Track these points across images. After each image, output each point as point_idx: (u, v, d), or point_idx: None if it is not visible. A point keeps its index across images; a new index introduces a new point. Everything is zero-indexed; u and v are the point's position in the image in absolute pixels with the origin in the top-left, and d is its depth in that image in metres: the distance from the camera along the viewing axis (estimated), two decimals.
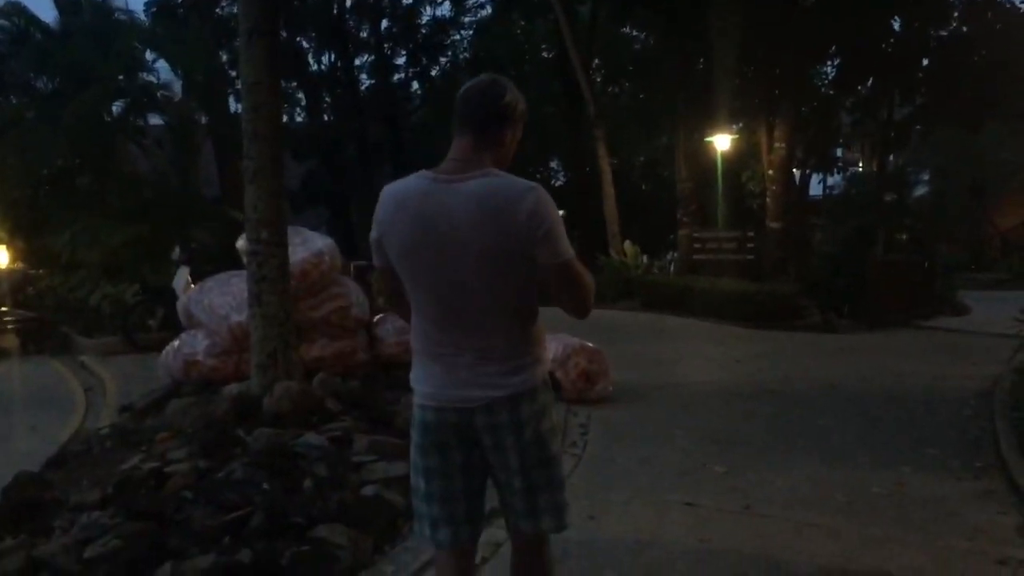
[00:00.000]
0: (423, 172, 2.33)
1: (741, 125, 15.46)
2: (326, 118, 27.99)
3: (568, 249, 2.28)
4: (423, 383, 2.42)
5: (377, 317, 7.87)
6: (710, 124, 15.03)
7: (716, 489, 4.91)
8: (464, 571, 2.51)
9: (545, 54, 27.42)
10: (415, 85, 28.28)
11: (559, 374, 7.04)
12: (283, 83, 10.15)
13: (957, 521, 4.47)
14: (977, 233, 23.87)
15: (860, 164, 25.32)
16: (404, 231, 2.30)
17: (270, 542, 3.67)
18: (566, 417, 6.61)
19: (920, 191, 26.17)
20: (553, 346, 6.96)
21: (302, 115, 28.54)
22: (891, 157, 18.51)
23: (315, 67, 27.62)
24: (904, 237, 18.52)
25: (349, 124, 25.82)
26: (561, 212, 3.90)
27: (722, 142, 14.37)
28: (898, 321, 13.65)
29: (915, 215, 21.54)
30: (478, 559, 3.13)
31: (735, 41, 12.97)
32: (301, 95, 27.91)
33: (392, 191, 2.37)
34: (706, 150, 16.01)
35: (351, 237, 25.31)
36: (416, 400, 2.46)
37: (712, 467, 5.33)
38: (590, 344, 7.44)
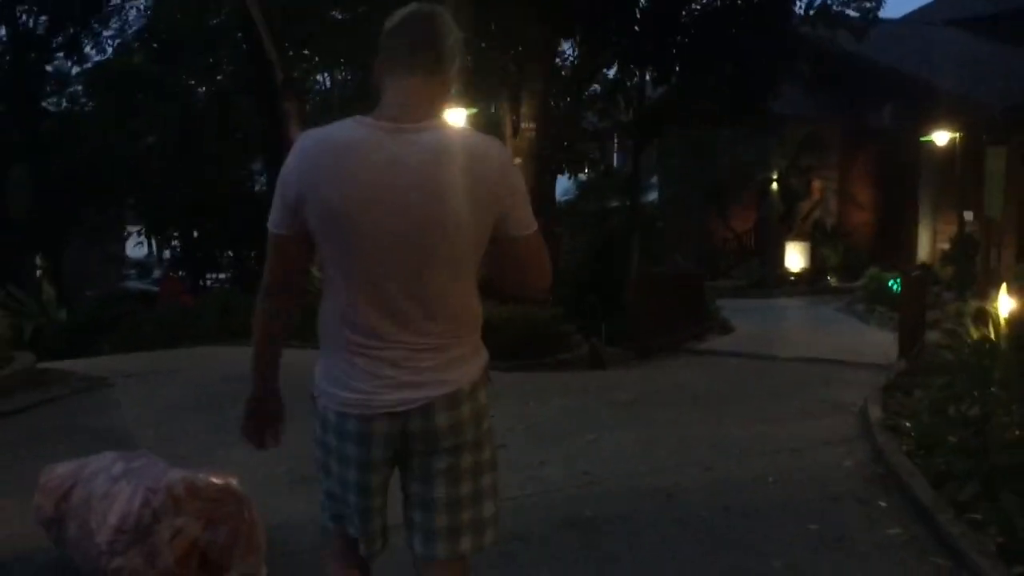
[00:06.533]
0: (359, 118, 1.91)
1: (480, 102, 12.21)
2: None
3: (533, 219, 2.01)
4: (340, 385, 1.94)
5: None
6: None
7: None
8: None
9: (242, 41, 22.94)
10: (68, 65, 22.25)
11: (137, 556, 3.03)
12: None
13: None
14: (710, 239, 22.64)
15: (587, 168, 23.38)
16: (345, 188, 1.84)
17: None
18: None
19: (651, 196, 24.69)
20: (125, 490, 3.11)
21: None
22: (632, 159, 16.25)
23: None
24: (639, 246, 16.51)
25: None
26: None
27: (456, 119, 11.11)
28: (667, 345, 11.40)
29: (659, 221, 19.81)
30: None
31: None
32: None
33: (323, 138, 1.90)
34: None
35: None
36: (327, 404, 1.97)
37: None
38: (212, 479, 3.23)
